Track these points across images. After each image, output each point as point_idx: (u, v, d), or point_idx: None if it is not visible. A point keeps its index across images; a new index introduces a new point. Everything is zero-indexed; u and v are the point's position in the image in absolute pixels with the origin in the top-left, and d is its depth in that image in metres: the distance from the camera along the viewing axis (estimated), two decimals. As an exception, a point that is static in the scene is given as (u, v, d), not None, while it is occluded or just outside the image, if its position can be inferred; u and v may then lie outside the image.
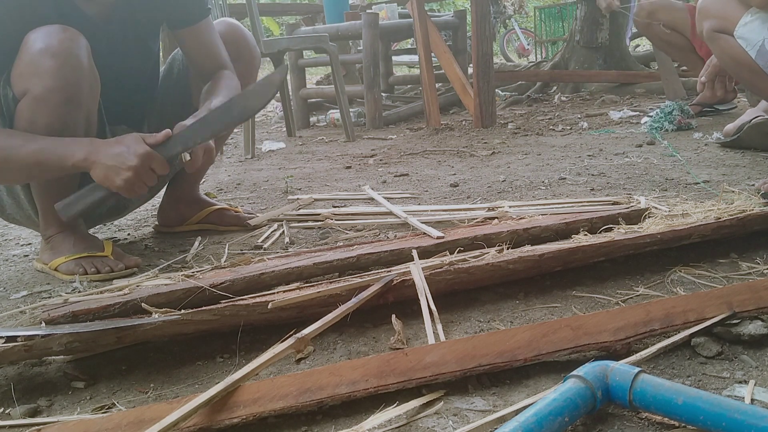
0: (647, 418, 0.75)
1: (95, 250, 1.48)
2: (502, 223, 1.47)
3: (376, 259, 1.27)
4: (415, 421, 0.79)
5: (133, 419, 0.77)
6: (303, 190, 2.27)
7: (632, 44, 6.86)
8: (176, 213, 1.79)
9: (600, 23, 4.88)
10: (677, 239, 1.26)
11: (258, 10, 3.30)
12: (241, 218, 1.78)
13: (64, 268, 1.44)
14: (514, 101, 4.69)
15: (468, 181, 2.18)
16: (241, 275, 1.17)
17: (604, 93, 4.65)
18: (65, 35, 1.31)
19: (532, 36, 9.70)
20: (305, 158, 3.03)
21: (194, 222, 1.78)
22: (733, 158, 2.25)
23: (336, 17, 4.60)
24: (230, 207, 1.82)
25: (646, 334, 0.91)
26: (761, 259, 1.25)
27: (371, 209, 1.82)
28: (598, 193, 1.86)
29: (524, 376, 0.87)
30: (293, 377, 0.83)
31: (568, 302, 1.12)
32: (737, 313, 0.94)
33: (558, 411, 0.69)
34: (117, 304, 1.08)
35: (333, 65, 3.58)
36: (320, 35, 3.61)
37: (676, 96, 3.67)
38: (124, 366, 1.00)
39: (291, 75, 4.35)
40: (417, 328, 1.05)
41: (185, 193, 1.78)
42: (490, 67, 3.49)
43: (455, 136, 3.33)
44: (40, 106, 1.30)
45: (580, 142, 2.87)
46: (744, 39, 1.98)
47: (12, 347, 0.92)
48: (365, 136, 3.64)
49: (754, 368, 0.86)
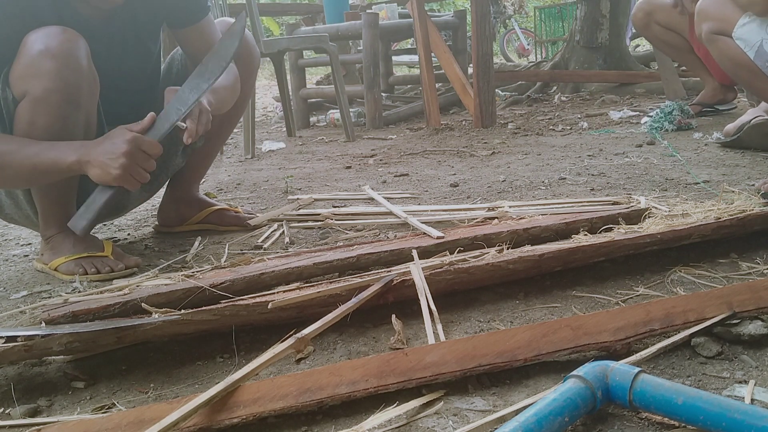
0: (647, 418, 0.75)
1: (95, 250, 1.48)
2: (502, 223, 1.47)
3: (376, 259, 1.27)
4: (415, 421, 0.79)
5: (133, 419, 0.77)
6: (303, 190, 2.27)
7: (632, 44, 6.87)
8: (176, 213, 1.79)
9: (600, 23, 4.88)
10: (677, 239, 1.26)
11: (258, 10, 3.30)
12: (241, 218, 1.78)
13: (64, 268, 1.45)
14: (514, 101, 4.69)
15: (468, 181, 2.18)
16: (241, 275, 1.17)
17: (604, 93, 4.65)
18: (65, 36, 1.31)
19: (532, 36, 9.71)
20: (305, 158, 3.03)
21: (194, 222, 1.78)
22: (733, 158, 2.25)
23: (336, 17, 4.60)
24: (230, 207, 1.82)
25: (646, 334, 0.91)
26: (761, 259, 1.25)
27: (371, 209, 1.82)
28: (598, 193, 1.86)
29: (524, 376, 0.87)
30: (293, 377, 0.83)
31: (568, 302, 1.12)
32: (737, 313, 0.93)
33: (558, 411, 0.69)
34: (117, 304, 1.08)
35: (333, 65, 3.58)
36: (320, 35, 3.61)
37: (676, 96, 3.67)
38: (124, 366, 1.00)
39: (291, 75, 4.35)
40: (417, 328, 1.05)
41: (185, 193, 1.78)
42: (490, 67, 3.49)
43: (455, 136, 3.33)
44: (40, 107, 1.30)
45: (580, 142, 2.87)
46: (742, 40, 1.98)
47: (12, 347, 0.92)
48: (365, 136, 3.64)
49: (754, 368, 0.86)
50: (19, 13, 1.32)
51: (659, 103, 3.49)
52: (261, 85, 8.90)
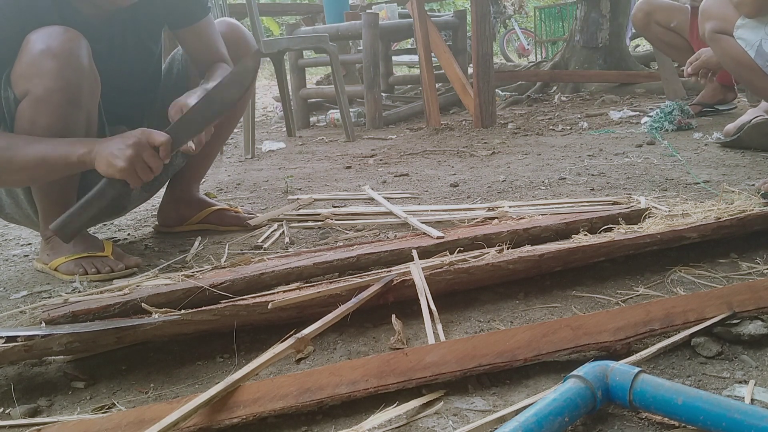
0: (647, 418, 0.75)
1: (95, 250, 1.48)
2: (502, 223, 1.47)
3: (376, 259, 1.27)
4: (415, 421, 0.79)
5: (133, 419, 0.77)
6: (303, 190, 2.27)
7: (632, 44, 6.86)
8: (176, 213, 1.79)
9: (600, 23, 4.88)
10: (677, 239, 1.26)
11: (258, 10, 3.30)
12: (241, 218, 1.78)
13: (64, 268, 1.45)
14: (514, 101, 4.69)
15: (468, 181, 2.18)
16: (241, 275, 1.17)
17: (604, 93, 4.65)
18: (66, 36, 1.31)
19: (532, 36, 9.71)
20: (305, 158, 3.03)
21: (194, 222, 1.78)
22: (733, 158, 2.25)
23: (336, 17, 4.60)
24: (230, 207, 1.82)
25: (646, 334, 0.91)
26: (761, 259, 1.25)
27: (371, 209, 1.82)
28: (598, 193, 1.86)
29: (524, 376, 0.87)
30: (293, 377, 0.83)
31: (568, 302, 1.12)
32: (737, 313, 0.94)
33: (558, 411, 0.69)
34: (117, 304, 1.08)
35: (333, 65, 3.58)
36: (320, 35, 3.61)
37: (676, 96, 3.67)
38: (124, 366, 1.00)
39: (291, 75, 4.35)
40: (417, 328, 1.05)
41: (185, 194, 1.78)
42: (490, 67, 3.49)
43: (455, 136, 3.33)
44: (42, 106, 1.30)
45: (580, 142, 2.87)
46: (743, 39, 1.99)
47: (12, 347, 0.92)
48: (365, 136, 3.64)
49: (754, 368, 0.86)
50: (20, 14, 1.32)
51: (659, 103, 3.49)
52: (261, 85, 8.90)
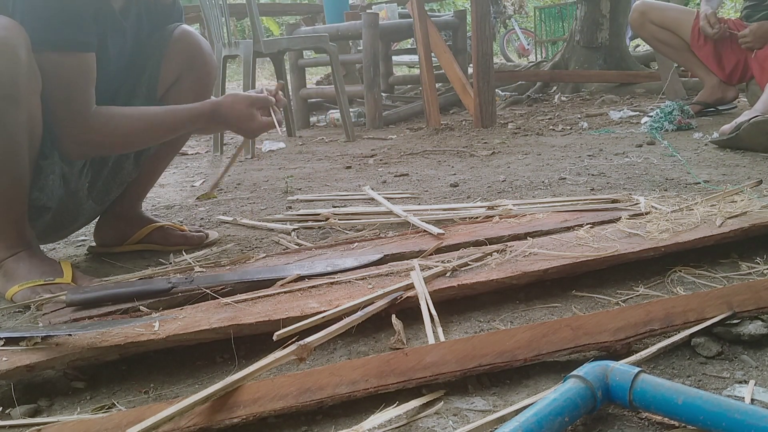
0: (647, 418, 0.75)
1: (53, 276, 1.29)
2: (502, 222, 1.46)
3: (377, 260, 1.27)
4: (415, 421, 0.78)
5: (133, 419, 0.77)
6: (303, 190, 2.27)
7: (632, 44, 6.87)
8: (114, 232, 1.60)
9: (600, 23, 4.88)
10: (681, 251, 1.24)
11: (258, 10, 3.30)
12: (189, 238, 1.61)
13: (19, 297, 1.25)
14: (514, 101, 4.69)
15: (468, 181, 2.18)
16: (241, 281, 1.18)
17: (604, 93, 4.65)
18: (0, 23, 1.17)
19: (532, 36, 9.71)
20: (305, 158, 3.03)
21: (135, 241, 1.60)
22: (733, 158, 2.25)
23: (336, 17, 4.61)
24: (175, 225, 1.65)
25: (646, 334, 0.91)
26: (761, 259, 1.25)
27: (371, 209, 1.82)
28: (598, 193, 1.85)
29: (524, 376, 0.87)
30: (293, 377, 0.83)
31: (568, 302, 1.12)
32: (737, 313, 0.93)
33: (558, 411, 0.69)
34: (117, 310, 1.09)
35: (333, 65, 3.58)
36: (320, 35, 3.61)
37: (676, 96, 3.67)
38: (124, 366, 1.00)
39: (291, 75, 4.35)
40: (417, 328, 1.05)
41: (128, 209, 1.62)
42: (490, 67, 3.49)
43: (455, 136, 3.33)
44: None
45: (580, 142, 2.87)
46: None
47: (15, 368, 0.90)
48: (365, 136, 3.64)
49: (754, 368, 0.86)
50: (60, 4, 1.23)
51: (659, 103, 3.50)
52: (261, 85, 8.88)
